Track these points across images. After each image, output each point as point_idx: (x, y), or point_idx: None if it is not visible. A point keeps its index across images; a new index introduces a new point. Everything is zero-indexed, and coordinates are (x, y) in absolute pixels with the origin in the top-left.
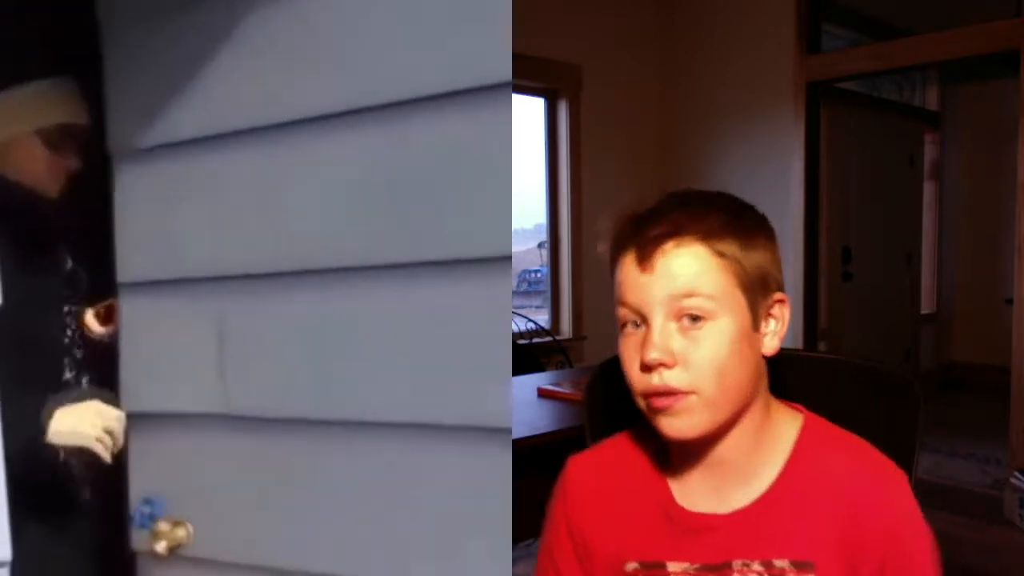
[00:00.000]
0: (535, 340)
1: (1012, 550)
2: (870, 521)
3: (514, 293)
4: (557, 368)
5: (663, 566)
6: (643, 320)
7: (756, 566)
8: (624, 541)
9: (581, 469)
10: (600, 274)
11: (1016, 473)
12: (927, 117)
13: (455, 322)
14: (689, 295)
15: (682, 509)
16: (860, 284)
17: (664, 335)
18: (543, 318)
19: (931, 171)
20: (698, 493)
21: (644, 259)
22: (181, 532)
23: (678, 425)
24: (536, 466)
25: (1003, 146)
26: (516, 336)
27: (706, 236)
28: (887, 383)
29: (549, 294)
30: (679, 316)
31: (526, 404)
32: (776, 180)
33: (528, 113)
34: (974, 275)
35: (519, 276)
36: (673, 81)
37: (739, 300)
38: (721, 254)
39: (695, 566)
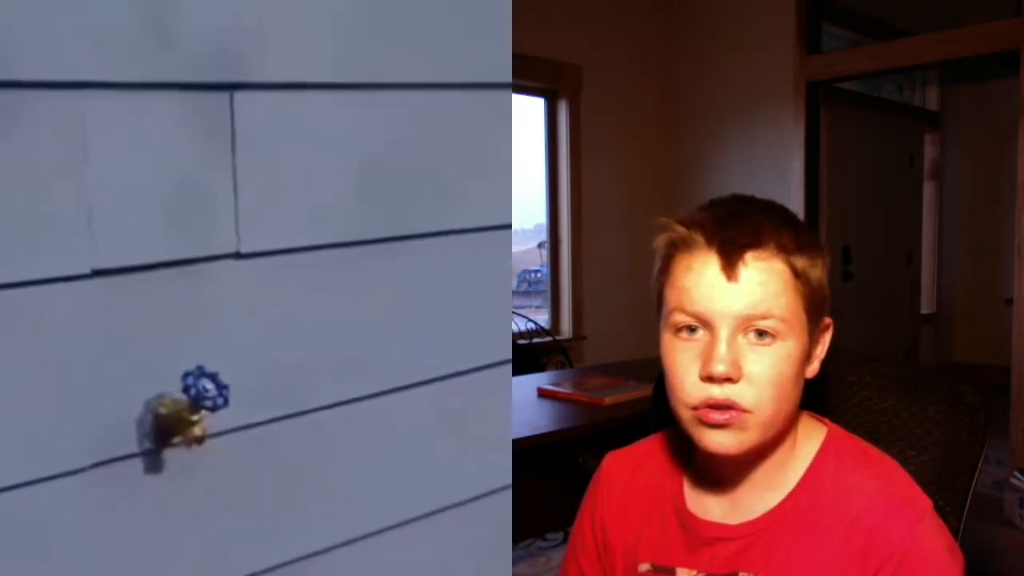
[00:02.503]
0: (535, 340)
1: (1012, 550)
2: (880, 550)
3: (514, 293)
4: (557, 368)
5: (673, 571)
6: (705, 327)
7: None
8: (641, 541)
9: (614, 465)
10: (600, 274)
11: (1016, 473)
12: (927, 117)
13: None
14: (765, 316)
15: (694, 517)
16: (860, 284)
17: (732, 348)
18: (543, 318)
19: (931, 171)
20: (713, 502)
21: (728, 266)
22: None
23: (727, 442)
24: (536, 466)
25: (1003, 146)
26: (516, 336)
27: (784, 250)
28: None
29: (549, 294)
30: (747, 330)
31: (526, 404)
32: (776, 180)
33: (528, 113)
34: (974, 275)
35: (519, 276)
36: (673, 81)
37: (803, 323)
38: (796, 272)
39: (702, 574)
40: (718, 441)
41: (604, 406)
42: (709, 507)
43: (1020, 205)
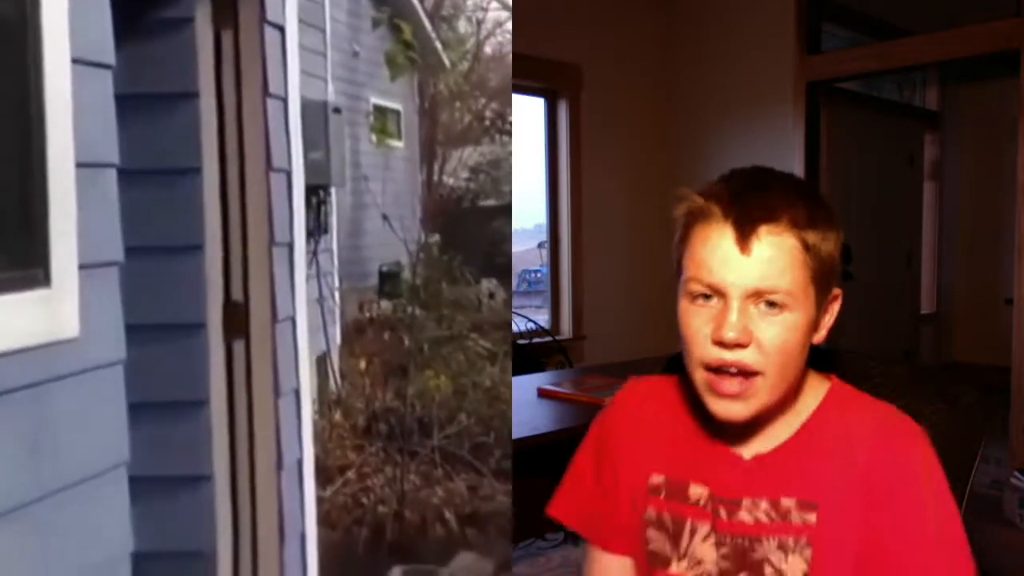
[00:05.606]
0: (535, 340)
1: (1012, 550)
2: (881, 469)
3: (514, 293)
4: (557, 368)
5: (686, 486)
6: (719, 296)
7: (763, 504)
8: (654, 455)
9: (636, 387)
10: (600, 274)
11: (1016, 473)
12: (927, 117)
13: None
14: (774, 289)
15: (712, 441)
16: (860, 284)
17: (743, 316)
18: (543, 318)
19: (931, 171)
20: (730, 435)
21: (742, 239)
22: None
23: (735, 409)
24: (536, 466)
25: (1003, 146)
26: (516, 336)
27: (797, 224)
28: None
29: (549, 294)
30: (757, 300)
31: (526, 404)
32: None
33: (528, 113)
34: (974, 275)
35: (519, 276)
36: (673, 81)
37: (811, 295)
38: (807, 246)
39: (711, 494)
40: (726, 408)
41: (604, 406)
42: (727, 439)
43: (1020, 205)
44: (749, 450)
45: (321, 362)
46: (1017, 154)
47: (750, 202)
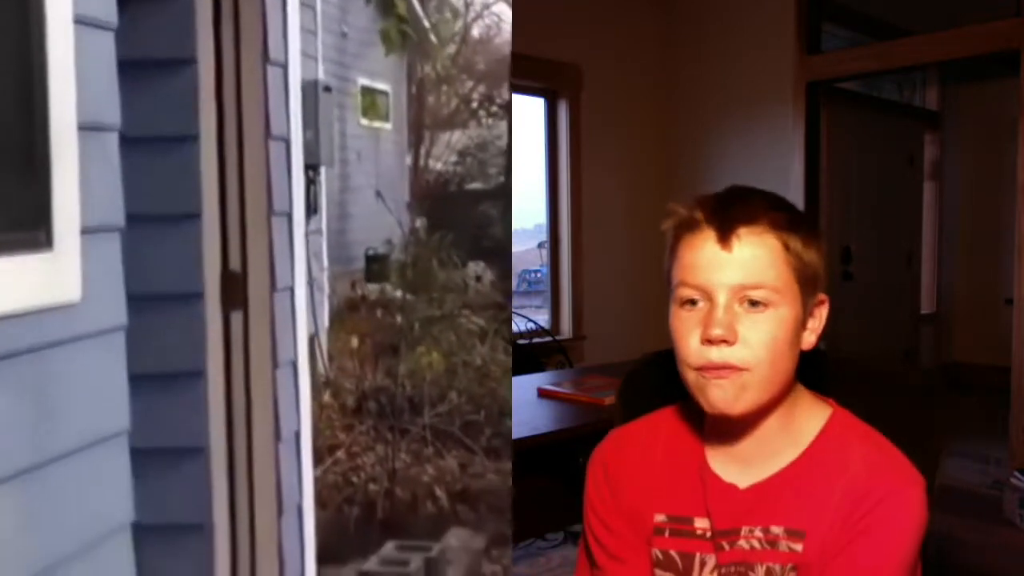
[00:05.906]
0: (535, 340)
1: (1012, 550)
2: (871, 504)
3: (514, 293)
4: (557, 368)
5: (691, 521)
6: (707, 298)
7: (758, 532)
8: (657, 496)
9: (620, 437)
10: (600, 274)
11: (1016, 473)
12: (927, 117)
13: None
14: (756, 287)
15: (713, 474)
16: (860, 284)
17: (729, 314)
18: (543, 318)
19: (931, 171)
20: (727, 464)
21: (723, 239)
22: None
23: (727, 396)
24: (536, 466)
25: (1003, 146)
26: (516, 336)
27: (777, 227)
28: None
29: (549, 294)
30: (742, 300)
31: (526, 404)
32: (776, 180)
33: (528, 113)
34: (974, 275)
35: (519, 276)
36: (673, 81)
37: (796, 294)
38: (787, 247)
39: (713, 527)
40: (719, 396)
41: (604, 406)
42: (725, 469)
43: (1020, 205)
44: (746, 479)
45: (310, 343)
46: (1017, 154)
47: (731, 207)
